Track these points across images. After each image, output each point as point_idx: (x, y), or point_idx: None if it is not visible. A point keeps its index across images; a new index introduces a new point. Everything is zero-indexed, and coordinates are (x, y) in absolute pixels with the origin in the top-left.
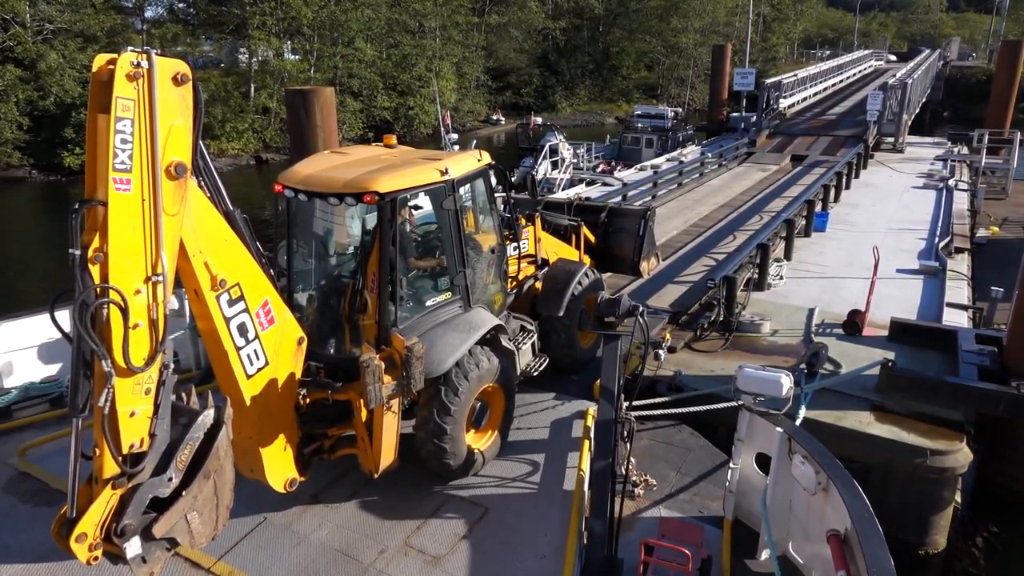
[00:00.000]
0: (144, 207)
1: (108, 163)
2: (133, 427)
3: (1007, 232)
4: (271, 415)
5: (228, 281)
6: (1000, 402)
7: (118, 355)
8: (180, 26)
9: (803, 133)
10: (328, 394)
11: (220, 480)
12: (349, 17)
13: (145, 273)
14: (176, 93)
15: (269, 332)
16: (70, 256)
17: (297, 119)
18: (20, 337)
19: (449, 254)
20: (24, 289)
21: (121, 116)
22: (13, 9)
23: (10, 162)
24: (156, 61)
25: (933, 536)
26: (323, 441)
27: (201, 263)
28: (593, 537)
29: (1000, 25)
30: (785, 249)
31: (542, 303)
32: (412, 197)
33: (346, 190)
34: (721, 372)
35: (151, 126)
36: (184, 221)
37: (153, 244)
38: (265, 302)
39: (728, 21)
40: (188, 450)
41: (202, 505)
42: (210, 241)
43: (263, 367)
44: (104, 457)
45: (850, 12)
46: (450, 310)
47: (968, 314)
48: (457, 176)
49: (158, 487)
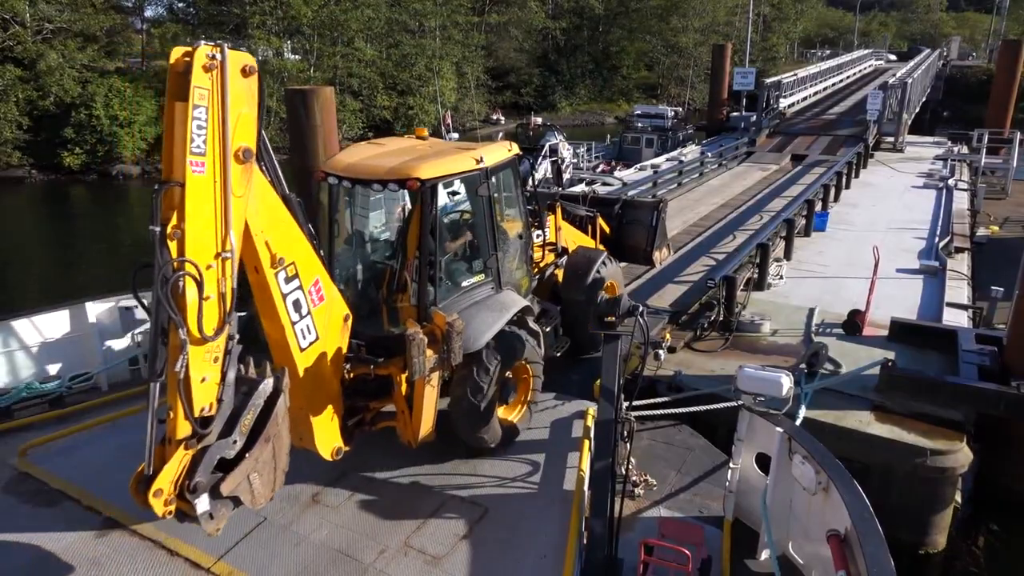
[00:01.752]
0: (216, 188)
1: (186, 147)
2: (204, 392)
3: (1007, 231)
4: (321, 387)
5: (286, 260)
6: (1000, 402)
7: (192, 325)
8: (180, 25)
9: (803, 133)
10: (370, 369)
11: (278, 444)
12: (349, 17)
13: (216, 249)
14: (244, 84)
15: (320, 309)
16: (150, 232)
17: (297, 119)
18: (20, 337)
19: (482, 238)
20: (24, 289)
21: (198, 104)
22: (13, 9)
23: (10, 162)
24: (228, 54)
25: (933, 536)
26: (365, 414)
27: (263, 242)
28: (593, 537)
29: (1000, 25)
30: (785, 249)
31: (565, 287)
32: (448, 184)
33: (389, 176)
34: (721, 372)
35: (223, 114)
36: (248, 203)
37: (222, 223)
38: (316, 280)
39: (728, 21)
40: (250, 415)
41: (262, 467)
42: (270, 222)
43: (314, 341)
44: (178, 419)
45: (850, 12)
46: (483, 291)
47: (968, 314)
48: (490, 165)
49: (224, 449)
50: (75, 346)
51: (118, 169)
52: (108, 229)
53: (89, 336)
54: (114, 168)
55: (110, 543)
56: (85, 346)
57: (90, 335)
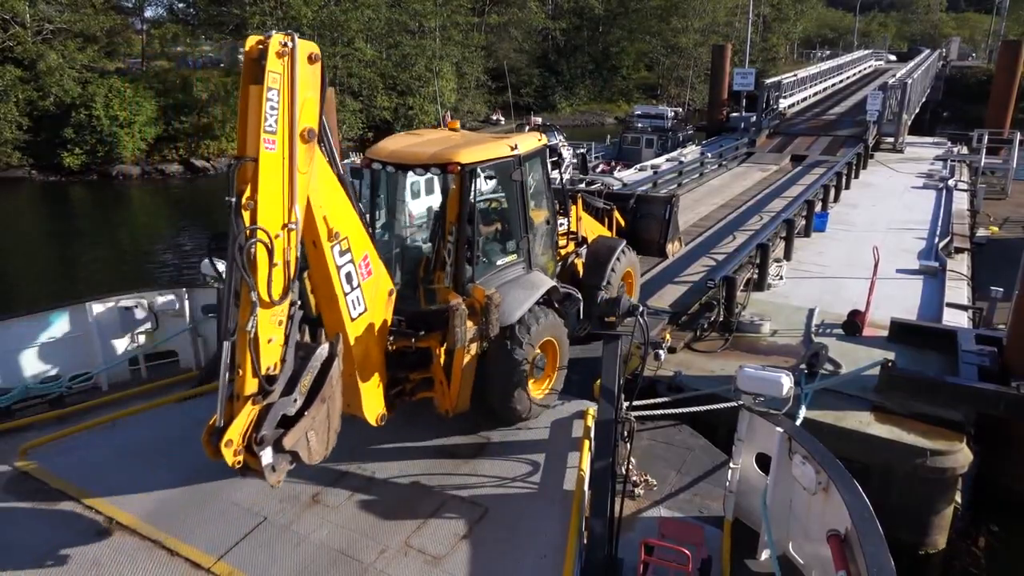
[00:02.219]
0: (283, 164)
1: (260, 126)
2: (270, 352)
3: (1007, 232)
4: (368, 355)
5: (340, 234)
6: (1000, 402)
7: (262, 288)
8: (180, 26)
9: (803, 133)
10: (411, 342)
11: (332, 406)
12: (349, 17)
13: (283, 220)
14: (310, 70)
15: (368, 282)
16: (227, 202)
17: None
18: (20, 337)
19: (514, 221)
20: (23, 289)
21: (271, 87)
22: (13, 9)
23: (10, 162)
24: (298, 42)
25: (933, 536)
26: (405, 384)
27: (321, 216)
28: (593, 537)
29: (1000, 25)
30: (785, 249)
31: (586, 274)
32: (485, 169)
33: (432, 161)
34: (721, 372)
35: (291, 96)
36: (310, 180)
37: (288, 196)
38: (365, 255)
39: (728, 21)
40: (309, 377)
41: (318, 426)
42: (328, 198)
43: (363, 312)
44: (246, 377)
45: (850, 12)
46: (514, 271)
47: (968, 314)
48: (523, 152)
49: (286, 406)
50: (75, 346)
51: (118, 169)
52: (108, 229)
53: (89, 336)
54: (114, 168)
55: (110, 543)
56: (85, 346)
57: (90, 335)
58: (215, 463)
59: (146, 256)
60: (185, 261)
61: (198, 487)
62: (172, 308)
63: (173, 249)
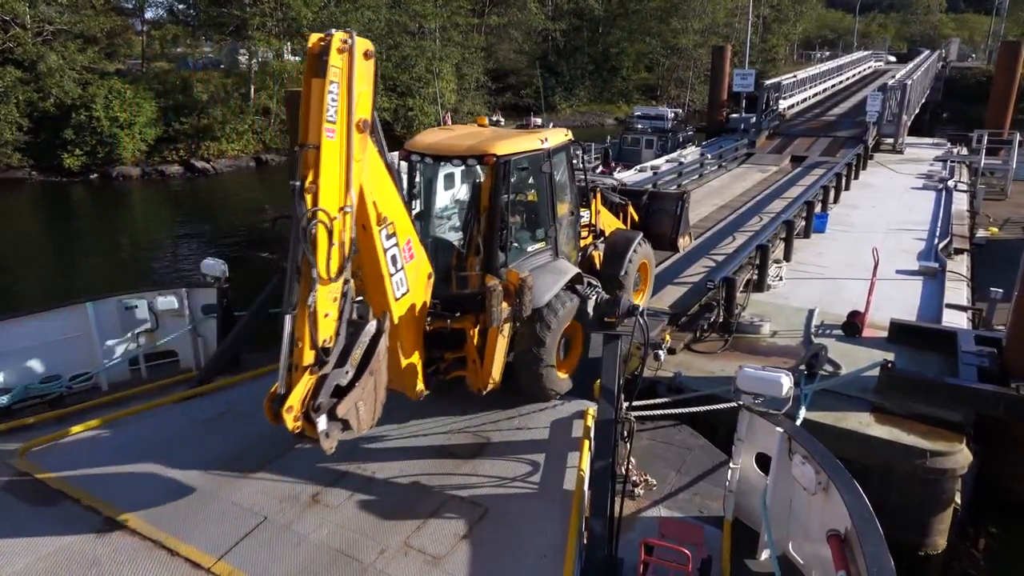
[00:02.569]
0: (341, 152)
1: (322, 116)
2: (326, 326)
3: (1007, 233)
4: (410, 334)
5: (388, 219)
6: (999, 403)
7: (322, 266)
8: (180, 27)
9: (803, 134)
10: (447, 323)
11: (378, 379)
12: (349, 18)
13: (341, 203)
14: (365, 66)
15: (411, 265)
16: (291, 186)
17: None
18: (20, 337)
19: (543, 210)
20: (23, 289)
21: (333, 80)
22: (13, 10)
23: (10, 163)
24: (356, 40)
25: (933, 537)
26: (440, 364)
27: (371, 202)
28: (593, 537)
29: (999, 26)
30: (785, 250)
31: (606, 264)
32: (518, 160)
33: (469, 153)
34: (721, 373)
35: (349, 89)
36: (363, 167)
37: (344, 182)
38: (408, 240)
39: (728, 22)
40: (359, 351)
41: (367, 397)
42: (378, 186)
43: (406, 293)
44: (305, 348)
45: (850, 13)
46: (542, 257)
47: (967, 315)
48: (552, 146)
49: (339, 377)
50: (75, 346)
51: (118, 171)
52: (108, 230)
53: (89, 336)
54: (114, 170)
55: (110, 543)
56: (85, 346)
57: (90, 335)
58: (215, 463)
59: (146, 257)
60: (185, 262)
61: (198, 487)
62: (172, 308)
63: (173, 250)
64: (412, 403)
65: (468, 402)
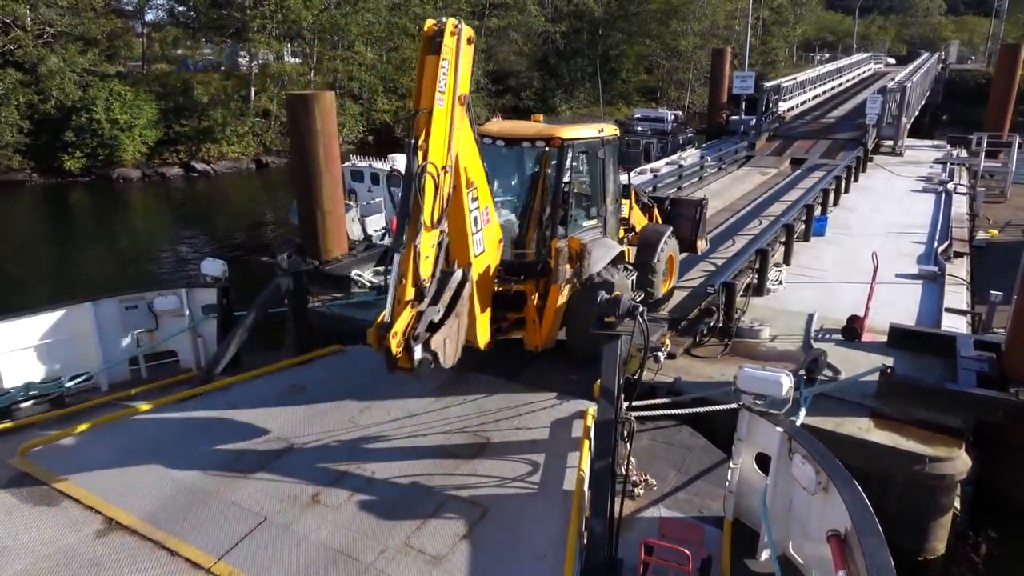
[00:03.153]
0: (447, 118)
1: (435, 85)
2: (426, 267)
3: (1007, 235)
4: (484, 289)
5: (474, 184)
6: (999, 409)
7: (427, 214)
8: (180, 29)
9: (802, 136)
10: (510, 286)
11: (461, 321)
12: (349, 21)
13: (443, 163)
14: (468, 49)
15: (487, 228)
16: (406, 143)
17: (298, 123)
18: (20, 337)
19: (596, 192)
20: (23, 290)
21: (444, 57)
22: (14, 13)
23: (10, 165)
24: (463, 27)
25: (932, 542)
26: (501, 323)
27: (463, 167)
28: (593, 537)
29: (999, 28)
30: (784, 254)
31: (640, 253)
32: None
33: (538, 136)
34: (721, 378)
35: (456, 67)
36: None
37: (447, 144)
38: (486, 207)
39: (727, 24)
40: (448, 293)
41: (452, 335)
42: (469, 154)
43: (482, 252)
44: (407, 285)
45: (849, 15)
46: (594, 233)
47: (967, 319)
48: (607, 136)
49: (433, 314)
50: (75, 346)
51: (118, 172)
52: (108, 232)
53: (89, 336)
54: (114, 171)
55: (110, 543)
56: (85, 346)
57: (90, 335)
58: (214, 463)
59: (146, 258)
60: (185, 263)
61: (198, 487)
62: (172, 308)
63: (173, 251)
64: (412, 403)
65: (468, 402)
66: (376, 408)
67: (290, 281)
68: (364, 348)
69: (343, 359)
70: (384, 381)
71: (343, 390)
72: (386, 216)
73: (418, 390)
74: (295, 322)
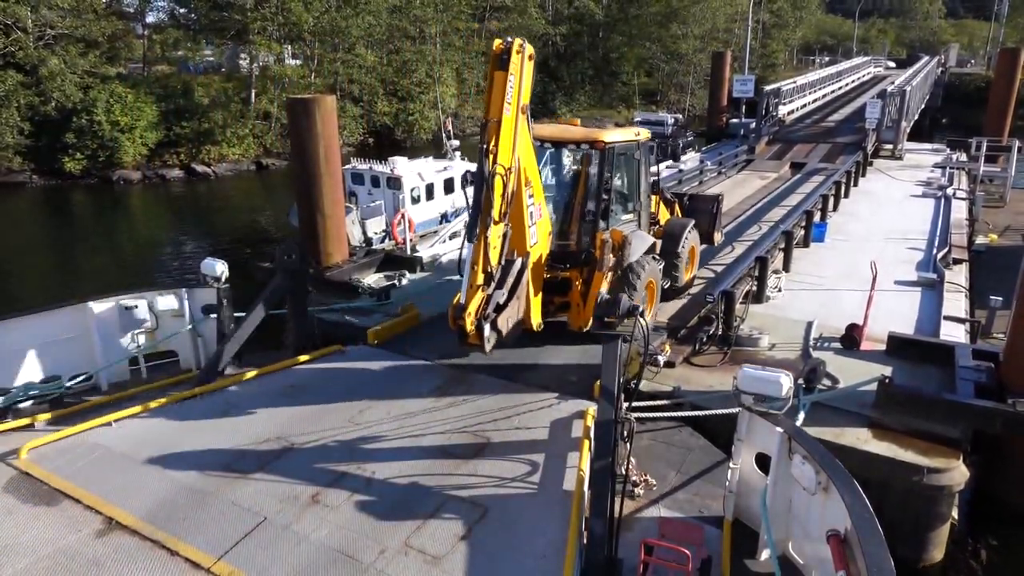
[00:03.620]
0: (512, 126)
1: (503, 98)
2: (494, 256)
3: (1006, 240)
4: (537, 276)
5: (531, 183)
6: (997, 420)
7: (496, 210)
8: (181, 31)
9: (802, 140)
10: (557, 273)
11: (521, 304)
12: (350, 23)
13: (508, 164)
14: (529, 65)
15: (540, 222)
16: (480, 148)
17: (298, 127)
18: (20, 337)
19: (632, 190)
20: (24, 291)
21: (511, 73)
22: (15, 14)
23: (11, 167)
24: (526, 46)
25: (930, 552)
26: (549, 306)
27: (523, 168)
28: (593, 537)
29: (999, 32)
30: (784, 260)
31: (665, 242)
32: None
33: (583, 139)
34: (720, 387)
35: (520, 81)
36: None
37: (512, 149)
38: (539, 204)
39: (728, 27)
40: (511, 279)
41: (514, 315)
42: (527, 157)
43: (535, 243)
44: (478, 271)
45: (849, 18)
46: (631, 226)
47: (965, 327)
48: (642, 139)
49: (499, 297)
50: (75, 346)
51: (119, 174)
52: (109, 233)
53: (89, 336)
54: (115, 173)
55: (110, 543)
56: (85, 346)
57: (90, 335)
58: (214, 463)
59: (147, 260)
60: (185, 265)
61: (198, 487)
62: (172, 308)
63: (173, 253)
64: (412, 403)
65: (468, 402)
66: (376, 408)
67: (290, 281)
68: (364, 348)
69: (343, 359)
70: (384, 381)
71: (343, 390)
72: (386, 219)
73: (418, 390)
74: (295, 322)
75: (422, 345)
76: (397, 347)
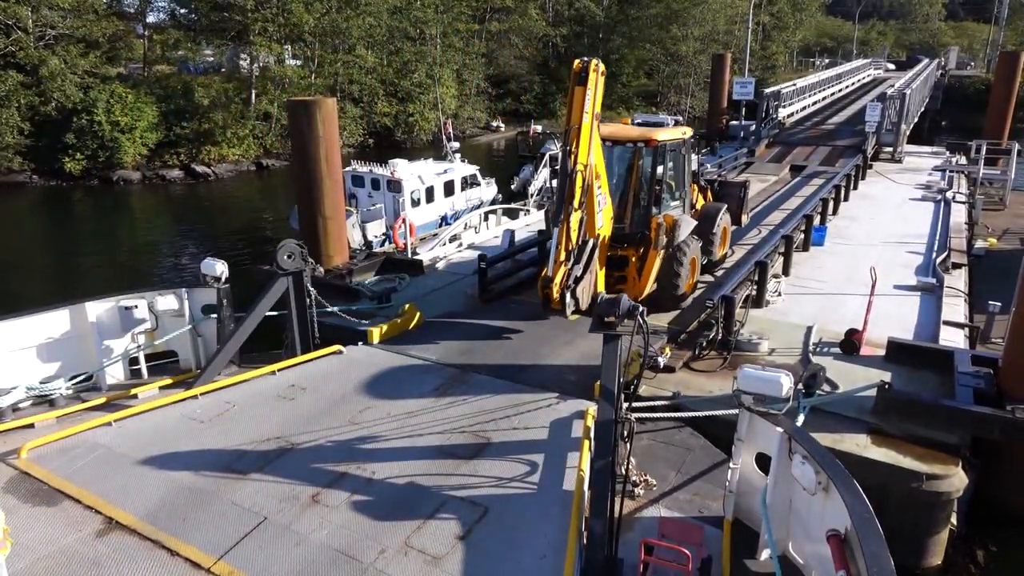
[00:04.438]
0: (588, 131)
1: (583, 107)
2: (573, 236)
3: (1006, 243)
4: (603, 254)
5: (600, 177)
6: (995, 426)
7: (576, 199)
8: (182, 32)
9: (802, 142)
10: (617, 251)
11: (593, 277)
12: (350, 24)
13: (585, 161)
14: (601, 80)
15: (605, 209)
16: (562, 149)
17: (299, 129)
18: (20, 337)
19: (679, 180)
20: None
21: (589, 88)
22: (15, 14)
23: (11, 167)
24: (599, 64)
25: (929, 558)
26: (609, 279)
27: (593, 164)
28: (593, 537)
29: (998, 35)
30: (783, 265)
31: (701, 224)
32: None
33: (639, 138)
34: (720, 392)
35: (596, 94)
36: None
37: (587, 150)
38: (605, 193)
39: (728, 29)
40: (585, 256)
41: (588, 286)
42: (597, 154)
43: (601, 227)
44: (562, 248)
45: (849, 21)
46: (677, 211)
47: (964, 332)
48: (688, 137)
49: (577, 271)
50: (75, 346)
51: (119, 175)
52: (109, 234)
53: (89, 336)
54: (115, 174)
55: (110, 543)
56: (85, 346)
57: (90, 335)
58: (214, 463)
59: (147, 260)
60: (185, 264)
61: (198, 487)
62: (172, 308)
63: (173, 253)
64: (412, 403)
65: (468, 402)
66: (376, 408)
67: (290, 282)
68: (364, 348)
69: (343, 359)
70: (384, 381)
71: (343, 390)
72: (386, 223)
73: (418, 390)
74: (295, 323)
75: (422, 345)
76: (397, 347)
